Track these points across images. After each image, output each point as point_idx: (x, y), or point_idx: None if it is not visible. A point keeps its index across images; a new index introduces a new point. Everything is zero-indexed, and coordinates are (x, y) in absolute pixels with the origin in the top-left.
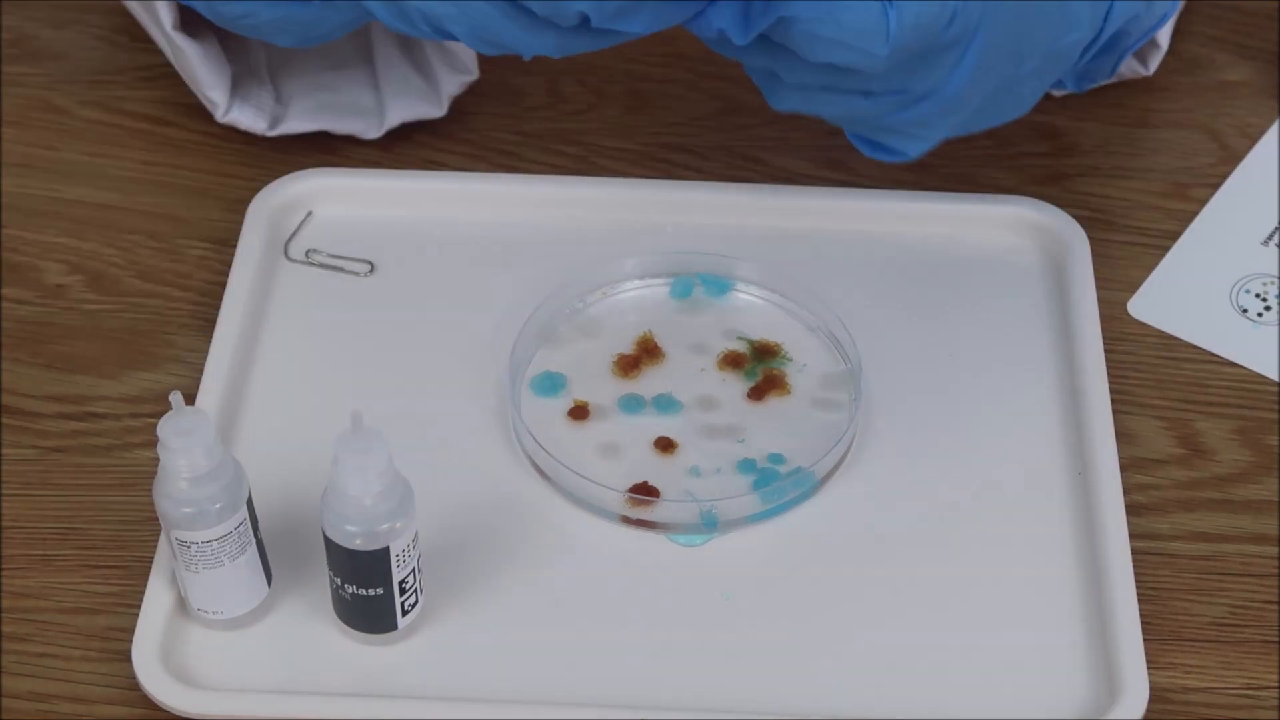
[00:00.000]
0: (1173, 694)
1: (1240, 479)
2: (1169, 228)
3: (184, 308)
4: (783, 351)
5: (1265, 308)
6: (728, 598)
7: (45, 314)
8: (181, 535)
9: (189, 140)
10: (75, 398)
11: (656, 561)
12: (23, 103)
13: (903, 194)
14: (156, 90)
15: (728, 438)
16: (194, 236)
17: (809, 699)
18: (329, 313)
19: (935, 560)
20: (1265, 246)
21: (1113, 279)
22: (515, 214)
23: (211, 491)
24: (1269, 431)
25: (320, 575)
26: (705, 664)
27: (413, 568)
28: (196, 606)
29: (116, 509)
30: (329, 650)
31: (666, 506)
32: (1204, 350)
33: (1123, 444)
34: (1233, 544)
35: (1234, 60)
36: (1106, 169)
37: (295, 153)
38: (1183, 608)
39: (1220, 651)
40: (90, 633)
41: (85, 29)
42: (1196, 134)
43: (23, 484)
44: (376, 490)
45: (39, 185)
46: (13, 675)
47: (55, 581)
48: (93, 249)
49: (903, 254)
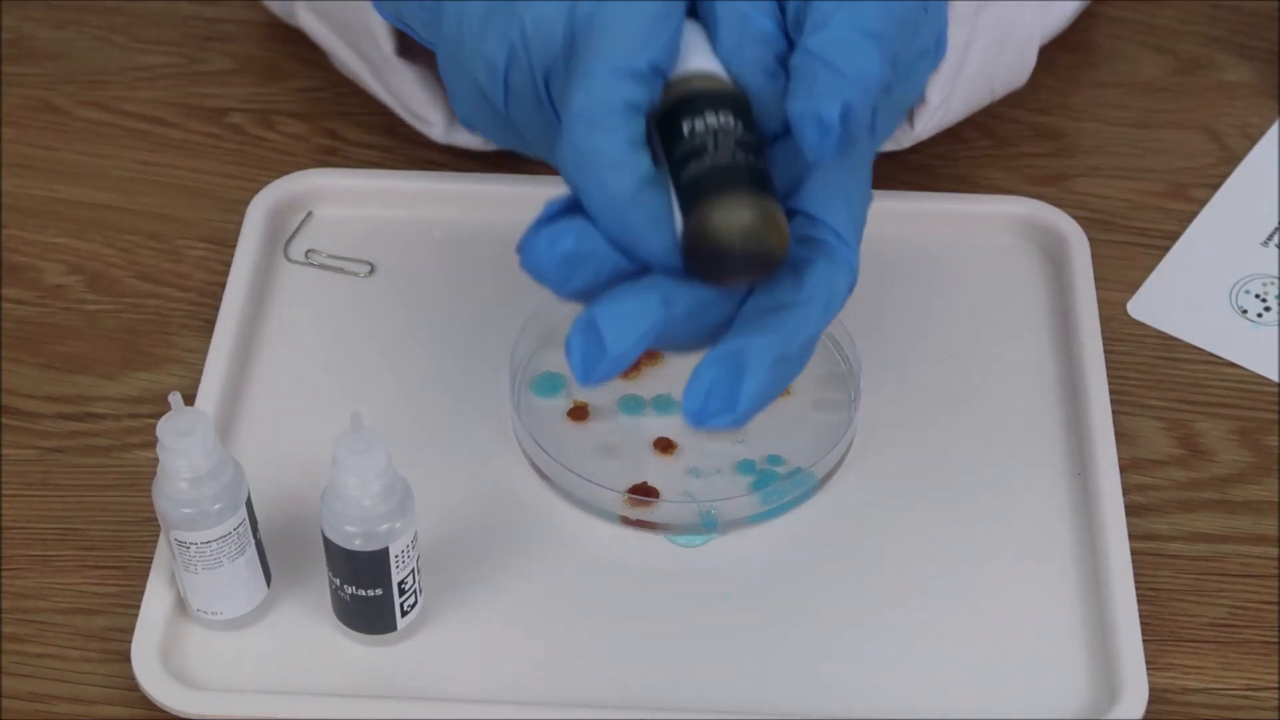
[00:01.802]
0: (1172, 694)
1: (1240, 480)
2: (1169, 228)
3: (184, 308)
4: None
5: (1265, 308)
6: (728, 598)
7: (45, 314)
8: (181, 536)
9: (189, 140)
10: (75, 398)
11: (656, 562)
12: (22, 103)
13: (903, 194)
14: (156, 90)
15: (727, 438)
16: (194, 236)
17: (809, 699)
18: (329, 313)
19: (935, 560)
20: (1265, 247)
21: (1113, 279)
22: (515, 214)
23: (211, 492)
24: (1269, 432)
25: (320, 576)
26: (705, 664)
27: (412, 568)
28: (196, 607)
29: (116, 509)
30: (328, 651)
31: (666, 507)
32: (1204, 351)
33: (1122, 444)
34: (1232, 545)
35: (1234, 60)
36: (1106, 169)
37: (295, 153)
38: (1182, 608)
39: (1220, 652)
40: (89, 633)
41: (84, 29)
42: (1196, 134)
43: (22, 484)
44: (376, 491)
45: (39, 185)
46: (12, 675)
47: (54, 582)
48: (92, 249)
49: (903, 254)
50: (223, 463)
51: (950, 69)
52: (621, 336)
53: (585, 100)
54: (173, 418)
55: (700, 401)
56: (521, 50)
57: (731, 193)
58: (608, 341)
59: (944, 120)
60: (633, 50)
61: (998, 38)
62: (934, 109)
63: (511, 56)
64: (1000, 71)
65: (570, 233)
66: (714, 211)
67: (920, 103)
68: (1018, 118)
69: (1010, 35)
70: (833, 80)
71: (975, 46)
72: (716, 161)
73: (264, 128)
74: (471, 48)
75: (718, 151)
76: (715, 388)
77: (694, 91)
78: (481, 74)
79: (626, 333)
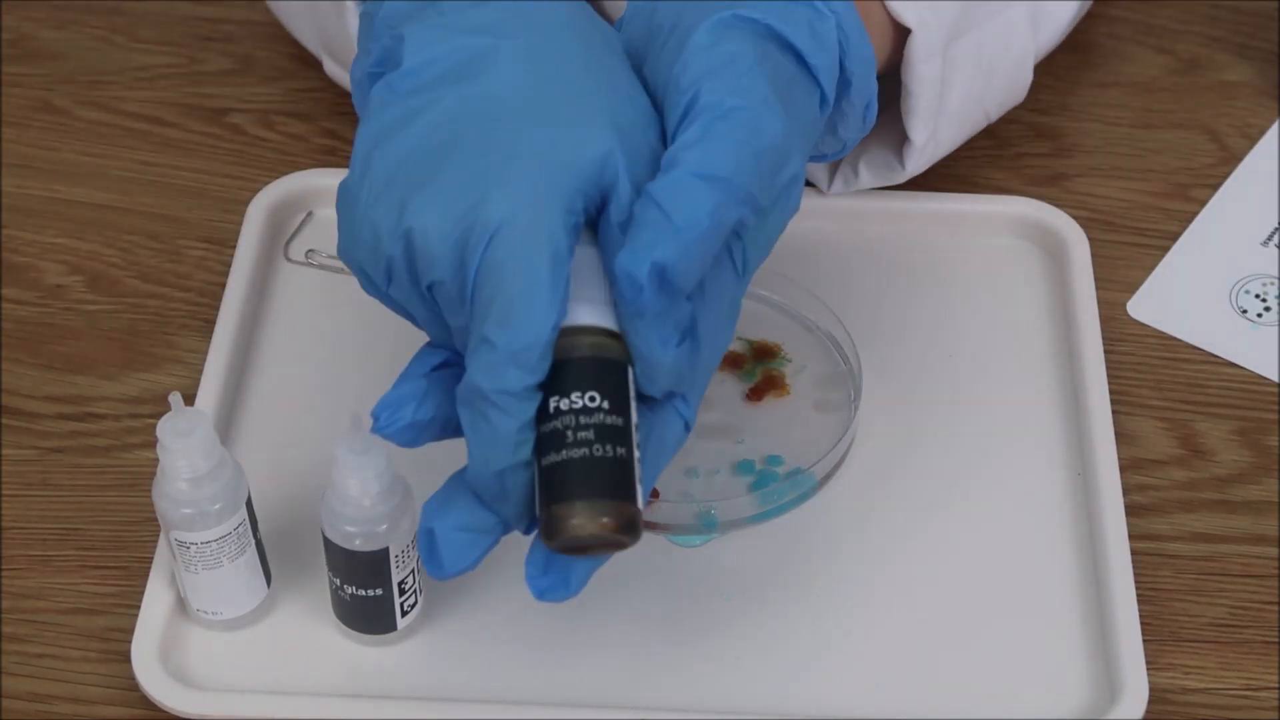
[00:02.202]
0: (1172, 694)
1: (1240, 480)
2: (1169, 228)
3: (183, 308)
4: (781, 352)
5: (1265, 308)
6: (728, 599)
7: (45, 314)
8: (181, 536)
9: (188, 140)
10: (75, 398)
11: (656, 562)
12: (22, 103)
13: (903, 194)
14: (156, 90)
15: (726, 438)
16: (193, 237)
17: (809, 699)
18: (329, 313)
19: (934, 561)
20: (1265, 247)
21: (1112, 279)
22: None
23: (211, 492)
24: (1268, 432)
25: (320, 576)
26: (705, 664)
27: (412, 568)
28: (196, 607)
29: (116, 509)
30: (328, 651)
31: (665, 507)
32: (1204, 351)
33: (1122, 444)
34: (1232, 545)
35: (1234, 60)
36: (1106, 169)
37: (295, 153)
38: (1182, 608)
39: (1220, 652)
40: (89, 633)
41: (84, 29)
42: (1196, 134)
43: (22, 484)
44: (376, 491)
45: (39, 185)
46: (12, 676)
47: (54, 582)
48: (92, 249)
49: (903, 254)
50: (223, 463)
51: (928, 108)
52: (457, 559)
53: (484, 378)
54: (173, 418)
55: (539, 588)
56: (402, 258)
57: (582, 497)
58: (445, 562)
59: (935, 154)
60: (533, 325)
61: (983, 68)
62: (920, 147)
63: (391, 259)
64: (992, 97)
65: (410, 402)
66: (565, 512)
67: (905, 142)
68: (1018, 118)
69: (999, 60)
70: (655, 234)
71: (957, 80)
72: (571, 455)
73: (264, 128)
74: (361, 214)
75: (575, 442)
76: (550, 579)
77: (563, 359)
78: (364, 249)
79: (461, 558)
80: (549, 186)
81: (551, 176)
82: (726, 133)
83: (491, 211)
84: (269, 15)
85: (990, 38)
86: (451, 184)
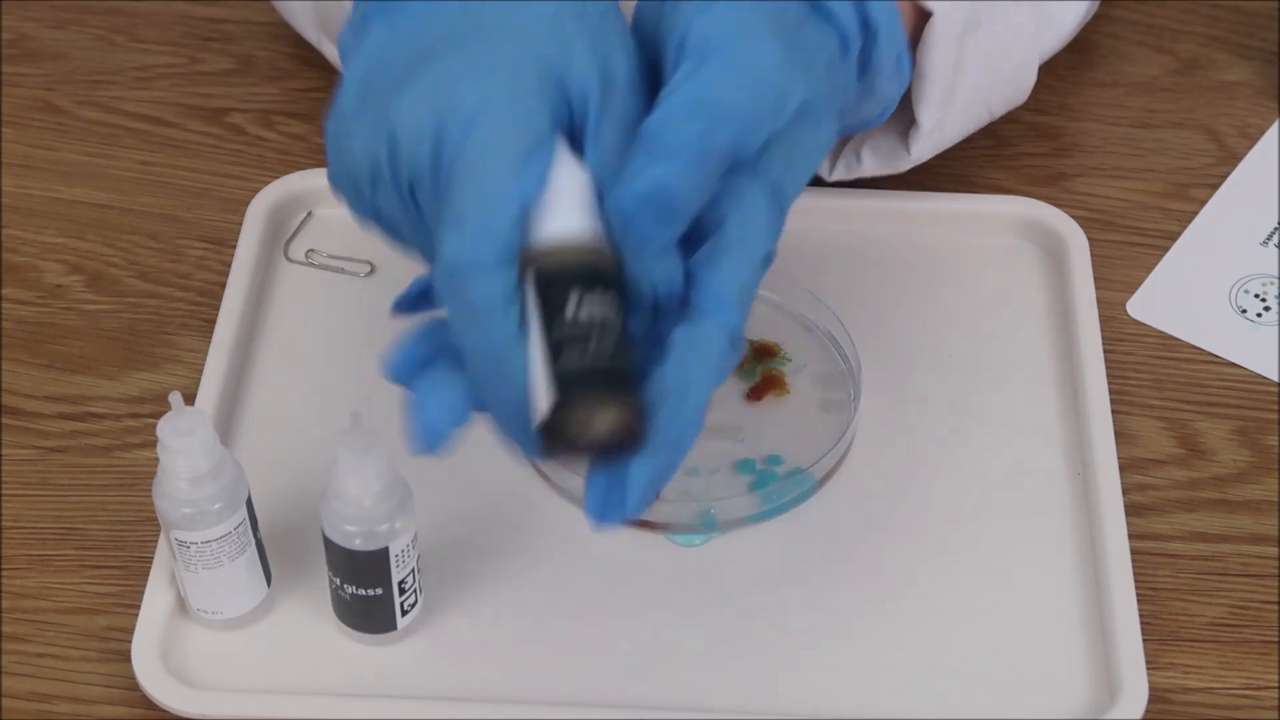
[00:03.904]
0: (1172, 694)
1: (1240, 479)
2: (1169, 228)
3: (183, 308)
4: (781, 351)
5: (1265, 308)
6: (728, 599)
7: (45, 314)
8: (181, 535)
9: (188, 140)
10: (75, 398)
11: (656, 561)
12: (22, 103)
13: (902, 194)
14: (156, 90)
15: (726, 438)
16: (194, 237)
17: (809, 699)
18: (329, 313)
19: (934, 560)
20: (1265, 247)
21: (1112, 279)
22: None
23: (211, 491)
24: (1268, 432)
25: (320, 575)
26: (705, 664)
27: (412, 568)
28: (196, 607)
29: (116, 509)
30: (328, 650)
31: (666, 506)
32: (1203, 350)
33: (1122, 444)
34: (1232, 544)
35: (1234, 60)
36: (1106, 169)
37: (295, 153)
38: (1182, 608)
39: (1220, 652)
40: (89, 633)
41: (84, 29)
42: (1196, 134)
43: (22, 484)
44: (376, 490)
45: (39, 185)
46: (12, 675)
47: (54, 581)
48: (92, 249)
49: (903, 254)
50: (223, 462)
51: (940, 93)
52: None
53: (457, 248)
54: (173, 417)
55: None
56: (386, 157)
57: (601, 401)
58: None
59: (941, 143)
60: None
61: (993, 62)
62: (927, 133)
63: (376, 161)
64: (997, 94)
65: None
66: (582, 413)
67: (913, 127)
68: (1018, 117)
69: (1006, 59)
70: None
71: (968, 70)
72: (597, 363)
73: (264, 128)
74: (346, 131)
75: (598, 351)
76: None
77: (581, 266)
78: (351, 157)
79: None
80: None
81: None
82: (716, 64)
83: (465, 99)
84: (269, 15)
85: (1002, 38)
86: (429, 81)
